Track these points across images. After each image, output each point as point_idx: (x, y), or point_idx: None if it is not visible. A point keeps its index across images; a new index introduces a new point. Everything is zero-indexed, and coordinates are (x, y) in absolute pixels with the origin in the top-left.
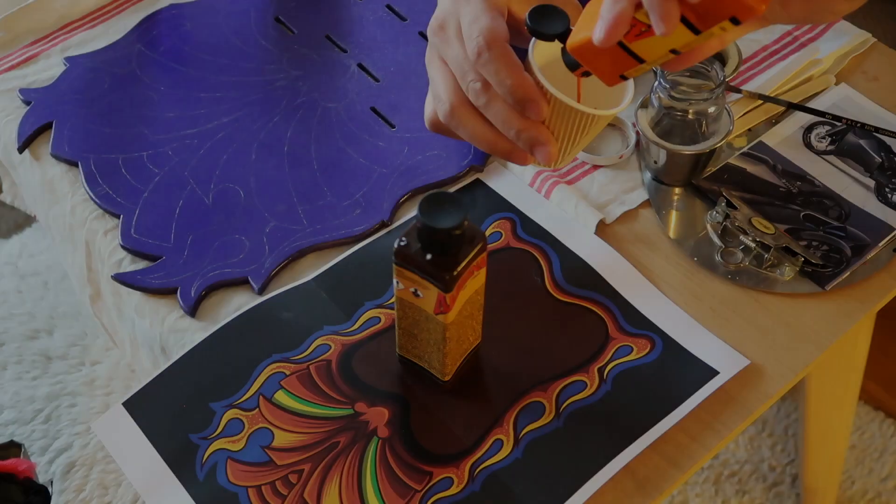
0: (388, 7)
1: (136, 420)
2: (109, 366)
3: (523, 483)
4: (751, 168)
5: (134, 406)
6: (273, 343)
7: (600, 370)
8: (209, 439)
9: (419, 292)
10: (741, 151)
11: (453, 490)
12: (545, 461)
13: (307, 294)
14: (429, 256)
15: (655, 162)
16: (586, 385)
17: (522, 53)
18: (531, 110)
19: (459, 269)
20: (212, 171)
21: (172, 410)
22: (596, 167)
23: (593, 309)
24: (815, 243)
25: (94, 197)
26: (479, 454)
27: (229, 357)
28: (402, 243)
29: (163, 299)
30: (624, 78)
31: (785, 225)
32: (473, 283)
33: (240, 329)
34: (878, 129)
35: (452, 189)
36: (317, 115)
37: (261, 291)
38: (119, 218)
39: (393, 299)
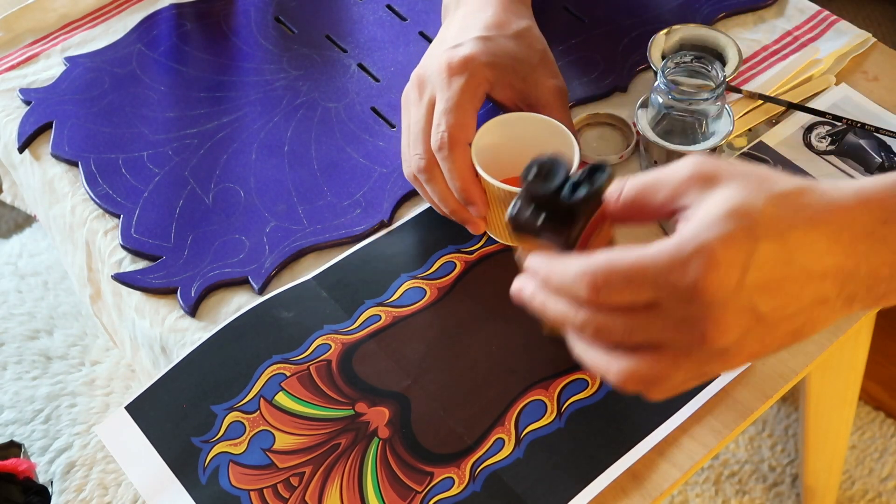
0: (388, 7)
1: (139, 424)
2: (109, 366)
3: (525, 483)
4: None
5: (136, 410)
6: (273, 343)
7: None
8: (211, 442)
9: None
10: (741, 151)
11: (454, 490)
12: (547, 462)
13: (307, 293)
14: (542, 219)
15: (656, 162)
16: (588, 384)
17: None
18: (472, 210)
19: (577, 227)
20: (212, 171)
21: (174, 414)
22: None
23: None
24: None
25: (94, 197)
26: (479, 453)
27: (230, 359)
28: (517, 209)
29: (163, 299)
30: None
31: None
32: (601, 237)
33: (240, 330)
34: (878, 129)
35: None
36: (317, 115)
37: (261, 291)
38: (119, 218)
39: (393, 298)
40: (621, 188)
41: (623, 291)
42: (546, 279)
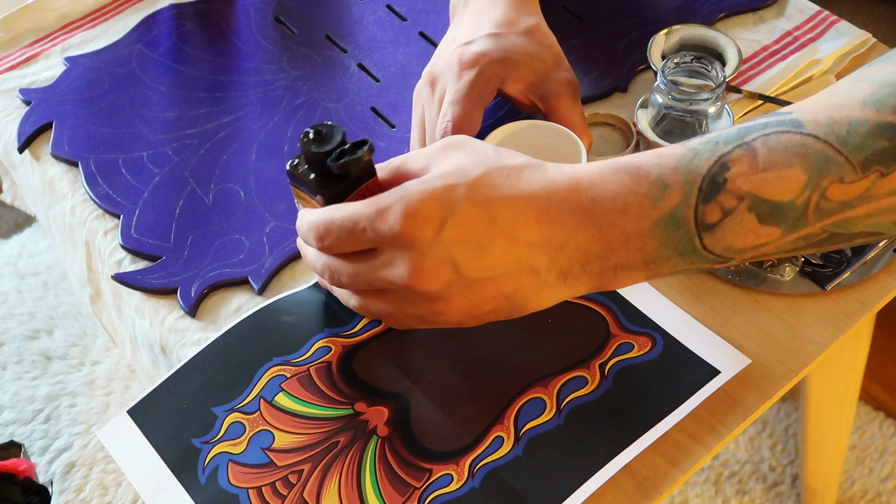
0: (388, 7)
1: (140, 427)
2: (109, 366)
3: (524, 480)
4: None
5: (138, 414)
6: (274, 346)
7: (601, 366)
8: (211, 443)
9: None
10: None
11: (453, 487)
12: (546, 458)
13: (308, 298)
14: (313, 176)
15: None
16: (587, 381)
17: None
18: None
19: (341, 188)
20: (212, 171)
21: (175, 416)
22: None
23: (594, 307)
24: None
25: (94, 197)
26: (479, 451)
27: (230, 362)
28: (294, 164)
29: (163, 299)
30: None
31: None
32: None
33: (241, 334)
34: None
35: None
36: (317, 115)
37: (261, 292)
38: (119, 218)
39: None
40: (392, 160)
41: (342, 240)
42: (298, 229)
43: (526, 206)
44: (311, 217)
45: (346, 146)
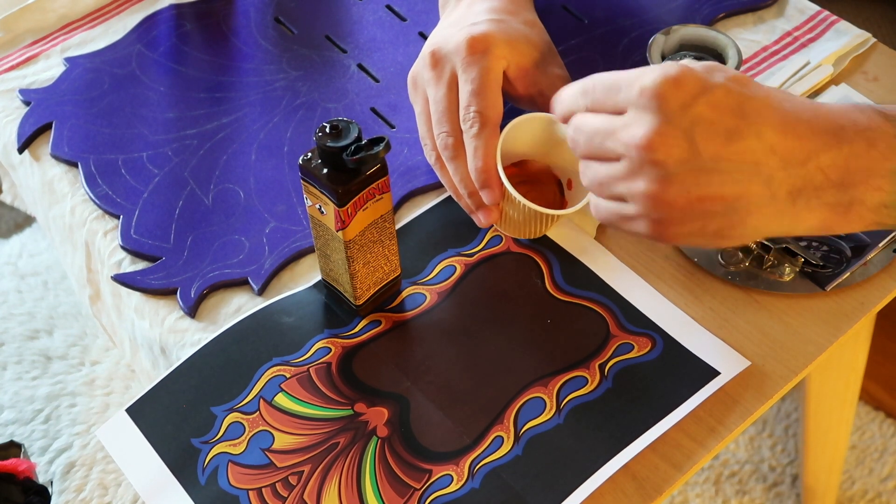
0: (388, 7)
1: (139, 426)
2: (109, 366)
3: (524, 480)
4: None
5: (137, 412)
6: (273, 347)
7: (601, 366)
8: (210, 443)
9: (322, 209)
10: None
11: (452, 487)
12: (546, 458)
13: (308, 298)
14: (325, 171)
15: None
16: (587, 381)
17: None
18: (484, 195)
19: (354, 184)
20: (212, 171)
21: (174, 415)
22: None
23: (594, 308)
24: (814, 244)
25: (93, 197)
26: (478, 451)
27: (230, 362)
28: (306, 158)
29: (162, 300)
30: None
31: None
32: (377, 207)
33: (241, 333)
34: None
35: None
36: (317, 115)
37: (261, 292)
38: (119, 218)
39: (393, 304)
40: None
41: (601, 97)
42: (556, 98)
43: (775, 113)
44: (579, 81)
45: (363, 142)
